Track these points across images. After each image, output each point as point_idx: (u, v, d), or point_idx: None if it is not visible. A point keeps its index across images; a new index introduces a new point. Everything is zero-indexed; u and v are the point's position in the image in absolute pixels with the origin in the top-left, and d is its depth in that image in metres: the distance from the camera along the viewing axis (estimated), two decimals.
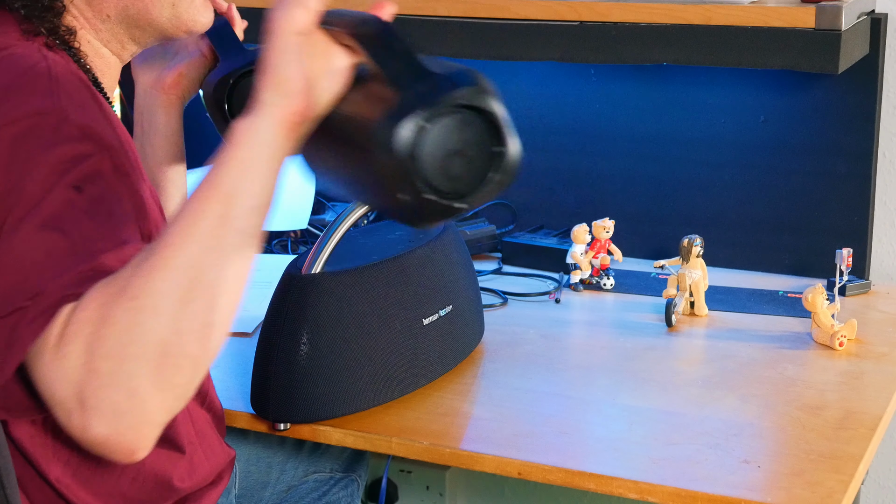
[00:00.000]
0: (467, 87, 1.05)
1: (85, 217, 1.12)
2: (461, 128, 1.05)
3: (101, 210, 1.14)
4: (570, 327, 1.95)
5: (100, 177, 1.15)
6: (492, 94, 1.06)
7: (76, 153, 1.15)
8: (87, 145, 1.16)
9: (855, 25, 1.89)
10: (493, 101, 1.06)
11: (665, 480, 1.40)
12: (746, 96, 2.11)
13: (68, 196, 1.12)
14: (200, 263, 1.07)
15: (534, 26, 1.97)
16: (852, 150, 2.06)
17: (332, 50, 1.12)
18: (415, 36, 2.04)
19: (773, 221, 2.14)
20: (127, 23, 1.36)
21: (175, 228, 1.08)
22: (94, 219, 1.13)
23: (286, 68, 1.10)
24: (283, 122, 1.10)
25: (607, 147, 2.22)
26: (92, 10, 1.34)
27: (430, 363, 1.64)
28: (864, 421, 1.54)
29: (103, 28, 1.35)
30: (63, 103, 1.17)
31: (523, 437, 1.52)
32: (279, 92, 1.10)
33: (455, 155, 1.05)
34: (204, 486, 1.44)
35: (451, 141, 1.05)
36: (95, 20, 1.34)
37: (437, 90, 1.04)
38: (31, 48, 1.24)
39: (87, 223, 1.12)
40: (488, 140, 1.07)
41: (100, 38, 1.36)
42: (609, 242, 2.06)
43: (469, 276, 1.75)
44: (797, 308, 1.91)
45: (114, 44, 1.37)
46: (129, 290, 1.06)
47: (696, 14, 1.87)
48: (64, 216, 1.11)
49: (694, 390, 1.65)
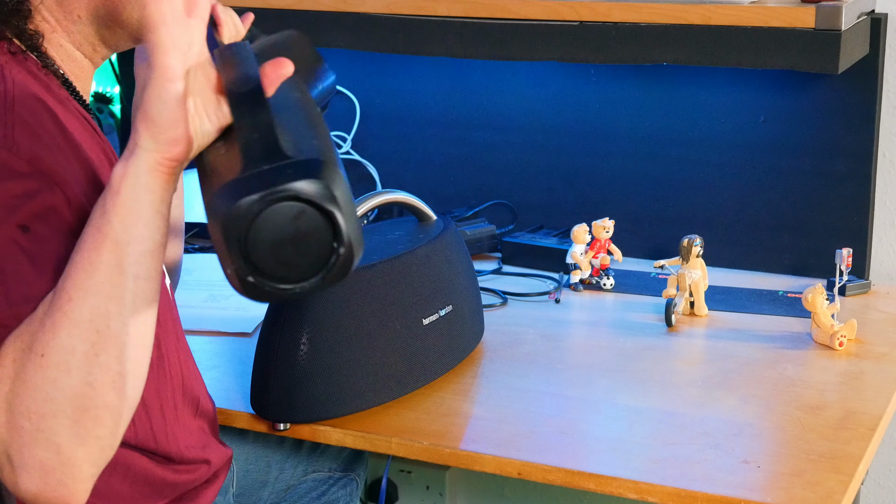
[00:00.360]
0: (311, 180, 0.99)
1: (25, 260, 1.12)
2: (297, 217, 1.00)
3: (45, 252, 1.13)
4: (570, 327, 1.95)
5: (51, 214, 1.15)
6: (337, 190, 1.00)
7: (25, 190, 1.14)
8: (37, 181, 1.14)
9: (855, 25, 1.89)
10: (334, 199, 1.00)
11: (665, 480, 1.40)
12: (746, 96, 2.11)
13: (13, 236, 1.12)
14: (103, 315, 1.09)
15: (534, 26, 1.97)
16: (852, 150, 2.06)
17: (211, 97, 1.09)
18: (415, 36, 2.04)
19: (773, 221, 2.14)
20: (98, 24, 1.33)
21: (72, 282, 1.09)
22: (34, 263, 1.13)
23: (165, 114, 1.07)
24: (161, 166, 1.09)
25: (607, 147, 2.22)
26: (62, 10, 1.31)
27: (429, 363, 1.64)
28: (864, 421, 1.54)
29: (75, 30, 1.32)
30: (15, 134, 1.15)
31: (523, 437, 1.52)
32: (157, 138, 1.07)
33: (288, 242, 1.01)
34: (199, 484, 1.44)
35: (284, 228, 1.00)
36: (66, 21, 1.32)
37: (278, 175, 0.99)
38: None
39: (26, 266, 1.12)
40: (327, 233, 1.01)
41: (72, 40, 1.33)
42: (609, 242, 2.06)
43: (469, 276, 1.75)
44: (797, 308, 1.91)
45: (86, 46, 1.34)
46: (37, 346, 1.08)
47: (696, 14, 1.87)
48: (4, 257, 1.11)
49: (694, 390, 1.65)
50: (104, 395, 1.09)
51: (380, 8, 2.06)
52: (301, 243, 1.01)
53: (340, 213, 1.00)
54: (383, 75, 2.34)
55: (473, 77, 2.28)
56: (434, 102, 2.32)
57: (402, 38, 2.06)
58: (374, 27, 2.07)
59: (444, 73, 2.29)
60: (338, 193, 1.00)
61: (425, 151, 2.35)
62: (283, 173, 1.00)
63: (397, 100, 2.35)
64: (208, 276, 2.06)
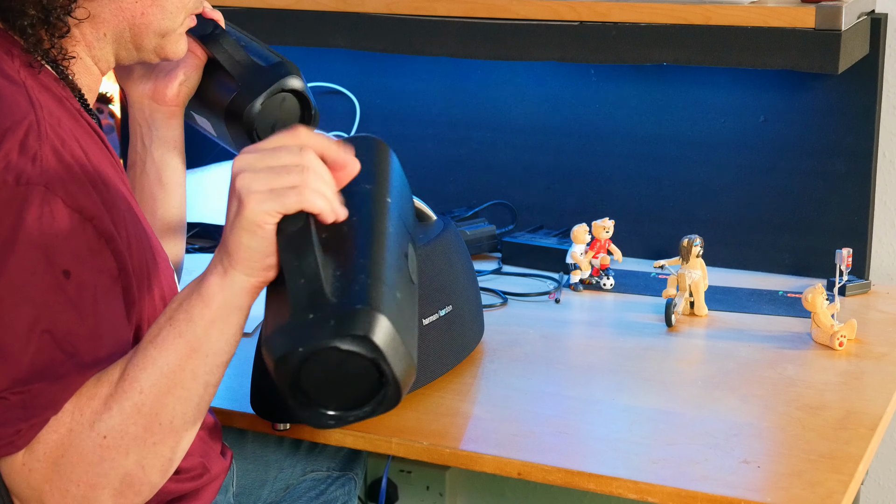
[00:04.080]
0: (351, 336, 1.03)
1: (70, 306, 1.17)
2: (342, 362, 1.04)
3: (86, 297, 1.18)
4: (569, 327, 1.95)
5: (88, 252, 1.19)
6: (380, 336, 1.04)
7: (65, 230, 1.17)
8: (71, 219, 1.18)
9: (855, 25, 1.89)
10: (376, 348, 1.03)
11: (665, 480, 1.40)
12: (746, 96, 2.11)
13: (58, 282, 1.16)
14: (169, 412, 1.15)
15: (534, 26, 1.97)
16: (852, 150, 2.06)
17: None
18: (415, 36, 2.04)
19: (773, 221, 2.14)
20: (118, 43, 1.37)
21: (146, 375, 1.14)
22: (76, 308, 1.17)
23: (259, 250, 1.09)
24: (255, 288, 1.13)
25: (607, 147, 2.22)
26: (92, 28, 1.34)
27: (429, 363, 1.64)
28: (864, 421, 1.54)
29: (97, 46, 1.36)
30: (49, 167, 1.17)
31: (523, 437, 1.52)
32: (252, 268, 1.11)
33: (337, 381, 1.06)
34: (200, 485, 1.44)
35: (331, 370, 1.05)
36: (91, 38, 1.35)
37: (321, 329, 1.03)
38: (18, 93, 1.23)
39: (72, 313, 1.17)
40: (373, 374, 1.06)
41: (92, 54, 1.36)
42: (609, 242, 2.06)
43: (469, 276, 1.75)
44: (797, 308, 1.91)
45: (102, 62, 1.38)
46: (100, 427, 1.14)
47: (696, 14, 1.87)
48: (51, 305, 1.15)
49: (694, 390, 1.65)
50: (152, 475, 1.18)
51: (380, 8, 2.06)
52: (350, 381, 1.06)
53: (384, 360, 1.04)
54: (383, 75, 2.34)
55: (473, 77, 2.28)
56: (434, 102, 2.32)
57: (402, 38, 2.06)
58: (374, 27, 2.07)
59: (444, 73, 2.29)
60: (381, 340, 1.03)
61: (425, 151, 2.35)
62: (325, 327, 1.03)
63: (397, 100, 2.35)
64: None
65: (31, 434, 1.14)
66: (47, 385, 1.14)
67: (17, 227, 1.14)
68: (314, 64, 2.34)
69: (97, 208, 1.20)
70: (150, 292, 1.30)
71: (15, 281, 1.14)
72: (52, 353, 1.15)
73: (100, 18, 1.33)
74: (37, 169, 1.16)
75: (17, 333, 1.14)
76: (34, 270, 1.14)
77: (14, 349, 1.13)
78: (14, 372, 1.13)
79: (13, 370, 1.13)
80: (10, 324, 1.13)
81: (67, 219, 1.17)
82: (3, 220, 1.14)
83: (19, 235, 1.14)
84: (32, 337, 1.14)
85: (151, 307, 1.30)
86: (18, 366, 1.13)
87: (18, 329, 1.14)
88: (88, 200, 1.19)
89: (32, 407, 1.14)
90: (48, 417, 1.14)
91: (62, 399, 1.15)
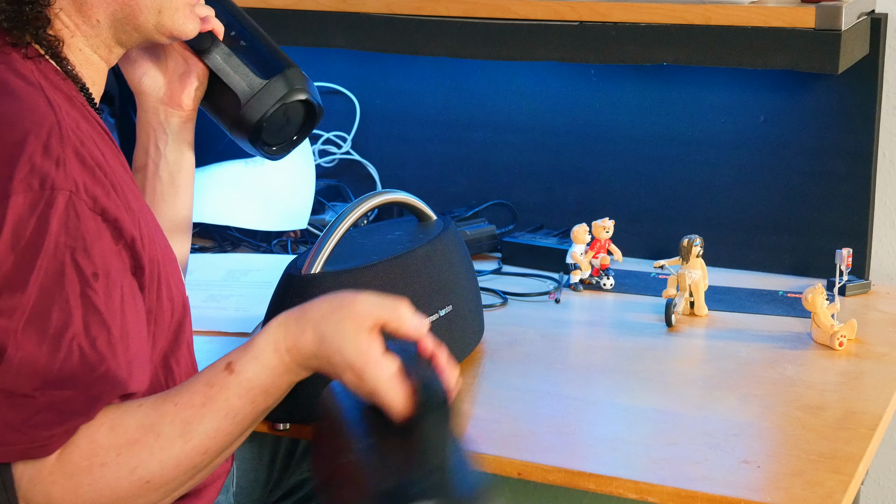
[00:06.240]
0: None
1: (96, 313, 1.18)
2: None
3: (112, 304, 1.19)
4: (569, 327, 1.95)
5: (112, 255, 1.21)
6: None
7: (91, 234, 1.19)
8: (96, 222, 1.19)
9: (855, 25, 1.89)
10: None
11: (665, 480, 1.40)
12: (746, 96, 2.11)
13: (83, 289, 1.17)
14: (194, 463, 1.21)
15: (534, 26, 1.97)
16: (852, 150, 2.06)
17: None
18: (415, 36, 2.04)
19: (773, 221, 2.14)
20: (115, 27, 1.34)
21: (177, 424, 1.19)
22: (100, 313, 1.18)
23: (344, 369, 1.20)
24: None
25: (607, 147, 2.22)
26: (81, 16, 1.32)
27: None
28: (864, 421, 1.54)
29: (93, 34, 1.34)
30: (73, 171, 1.19)
31: (523, 437, 1.52)
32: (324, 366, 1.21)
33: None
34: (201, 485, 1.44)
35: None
36: (85, 26, 1.33)
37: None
38: (36, 94, 1.23)
39: (98, 320, 1.18)
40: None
41: (90, 44, 1.34)
42: (609, 242, 2.06)
43: (469, 276, 1.75)
44: (797, 308, 1.91)
45: (103, 49, 1.35)
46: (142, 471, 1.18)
47: (696, 14, 1.87)
48: (77, 310, 1.17)
49: (694, 390, 1.65)
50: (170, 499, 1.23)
51: (380, 8, 2.06)
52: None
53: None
54: (383, 75, 2.34)
55: (473, 77, 2.28)
56: (434, 102, 2.32)
57: (401, 38, 2.06)
58: (374, 27, 2.07)
59: (444, 73, 2.29)
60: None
61: (425, 151, 2.35)
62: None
63: (397, 100, 2.35)
64: (208, 277, 2.06)
65: (64, 439, 1.14)
66: (77, 393, 1.14)
67: (44, 231, 1.14)
68: (314, 64, 2.34)
69: (118, 210, 1.20)
70: (158, 292, 1.30)
71: (44, 285, 1.14)
72: (81, 358, 1.14)
73: (87, 4, 1.31)
74: (61, 173, 1.16)
75: (47, 338, 1.13)
76: (62, 274, 1.14)
77: (43, 354, 1.13)
78: (44, 374, 1.13)
79: (43, 373, 1.13)
80: (40, 328, 1.13)
81: (92, 221, 1.17)
82: (30, 225, 1.14)
83: (46, 240, 1.14)
84: (62, 342, 1.14)
85: (159, 307, 1.30)
86: (48, 370, 1.13)
87: (48, 334, 1.13)
88: (110, 202, 1.19)
89: (63, 412, 1.13)
90: (78, 424, 1.14)
91: (92, 408, 1.15)
